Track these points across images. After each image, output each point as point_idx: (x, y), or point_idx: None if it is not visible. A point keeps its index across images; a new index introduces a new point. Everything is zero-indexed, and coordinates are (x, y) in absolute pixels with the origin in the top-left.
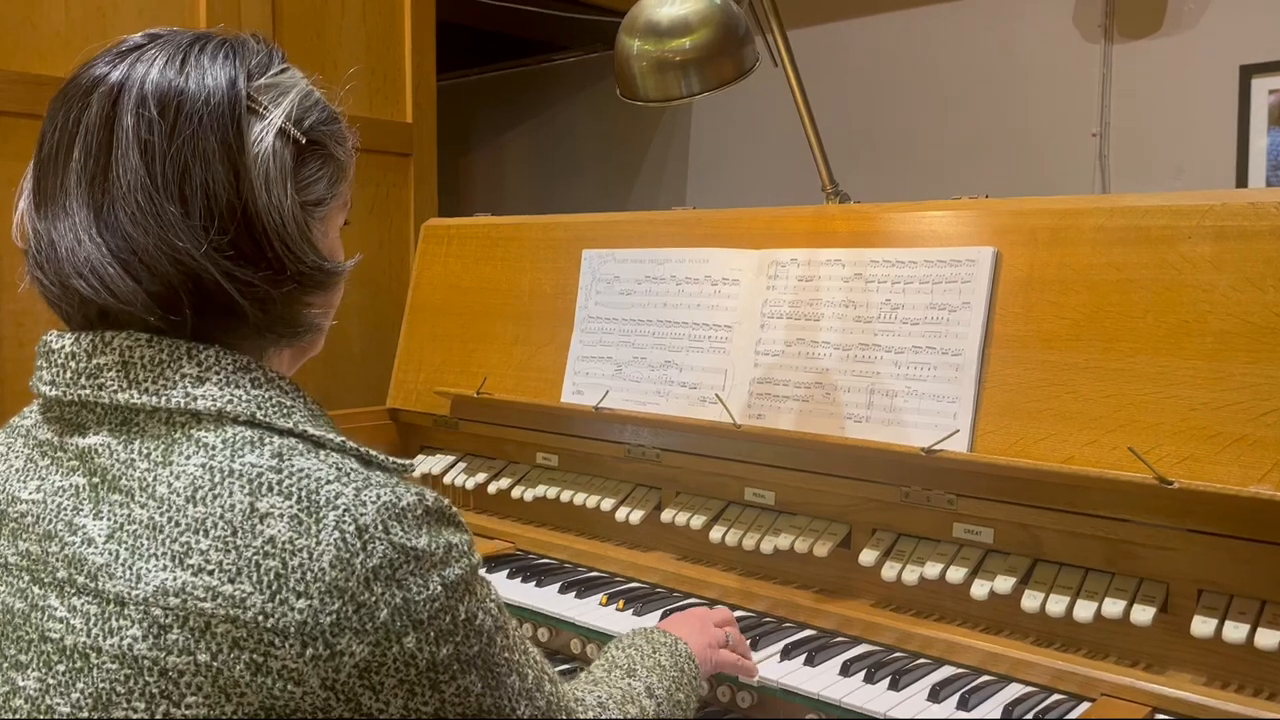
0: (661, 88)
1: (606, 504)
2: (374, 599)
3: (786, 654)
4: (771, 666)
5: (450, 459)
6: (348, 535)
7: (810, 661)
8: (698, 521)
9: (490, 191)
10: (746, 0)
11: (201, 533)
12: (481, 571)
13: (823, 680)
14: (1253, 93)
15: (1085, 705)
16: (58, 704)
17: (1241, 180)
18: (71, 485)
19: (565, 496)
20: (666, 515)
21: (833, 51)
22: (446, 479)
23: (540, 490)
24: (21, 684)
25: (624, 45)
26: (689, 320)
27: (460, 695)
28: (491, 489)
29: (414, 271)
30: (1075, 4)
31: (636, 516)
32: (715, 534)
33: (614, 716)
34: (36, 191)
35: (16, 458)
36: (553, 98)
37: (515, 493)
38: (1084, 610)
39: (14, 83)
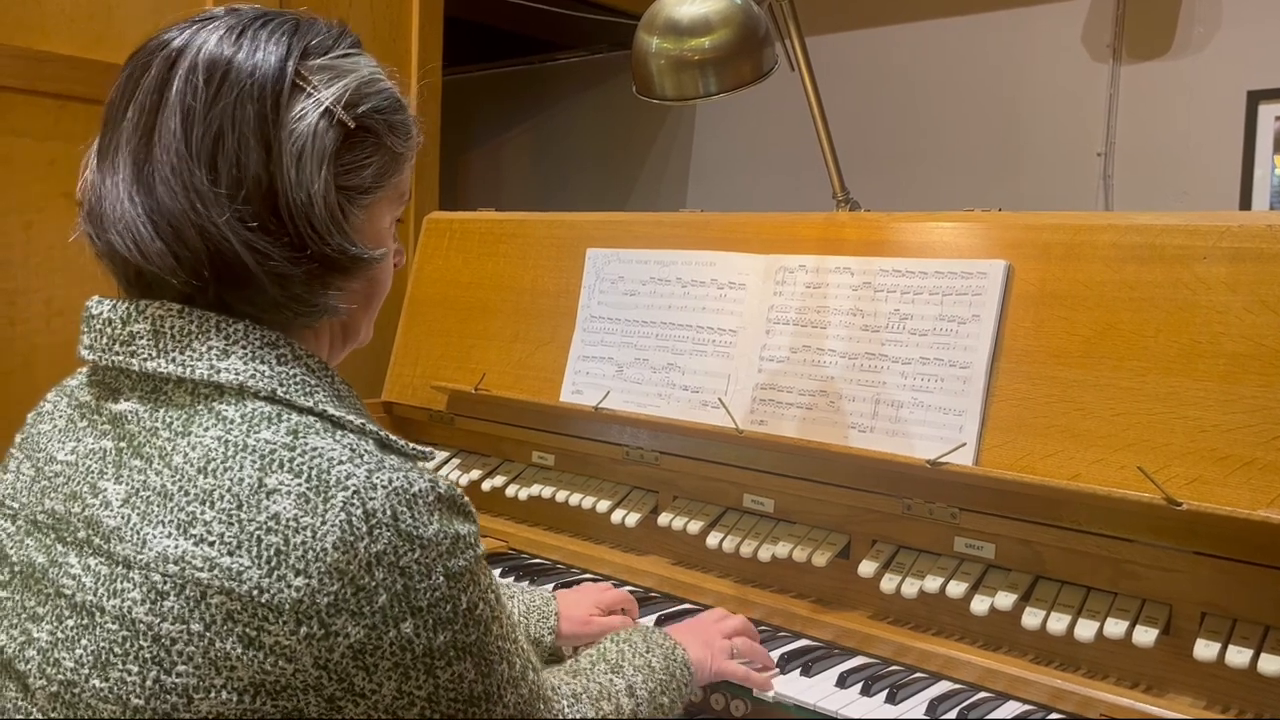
0: (678, 87)
1: (602, 505)
2: (374, 583)
3: (782, 664)
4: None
5: (445, 455)
6: (354, 518)
7: (807, 672)
8: (695, 526)
9: (488, 189)
10: (767, 2)
11: (208, 504)
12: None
13: (819, 691)
14: (1259, 118)
15: None
16: (63, 658)
17: (1245, 205)
18: (101, 449)
19: (561, 497)
20: (663, 519)
21: (843, 61)
22: (440, 475)
23: (535, 489)
24: (36, 635)
25: (642, 42)
26: (693, 323)
27: (454, 681)
28: (486, 486)
29: (414, 265)
30: (1085, 23)
31: (633, 519)
32: (712, 540)
33: (585, 710)
34: (99, 147)
35: (60, 418)
36: (555, 97)
37: (510, 491)
38: (1085, 629)
39: (16, 58)
